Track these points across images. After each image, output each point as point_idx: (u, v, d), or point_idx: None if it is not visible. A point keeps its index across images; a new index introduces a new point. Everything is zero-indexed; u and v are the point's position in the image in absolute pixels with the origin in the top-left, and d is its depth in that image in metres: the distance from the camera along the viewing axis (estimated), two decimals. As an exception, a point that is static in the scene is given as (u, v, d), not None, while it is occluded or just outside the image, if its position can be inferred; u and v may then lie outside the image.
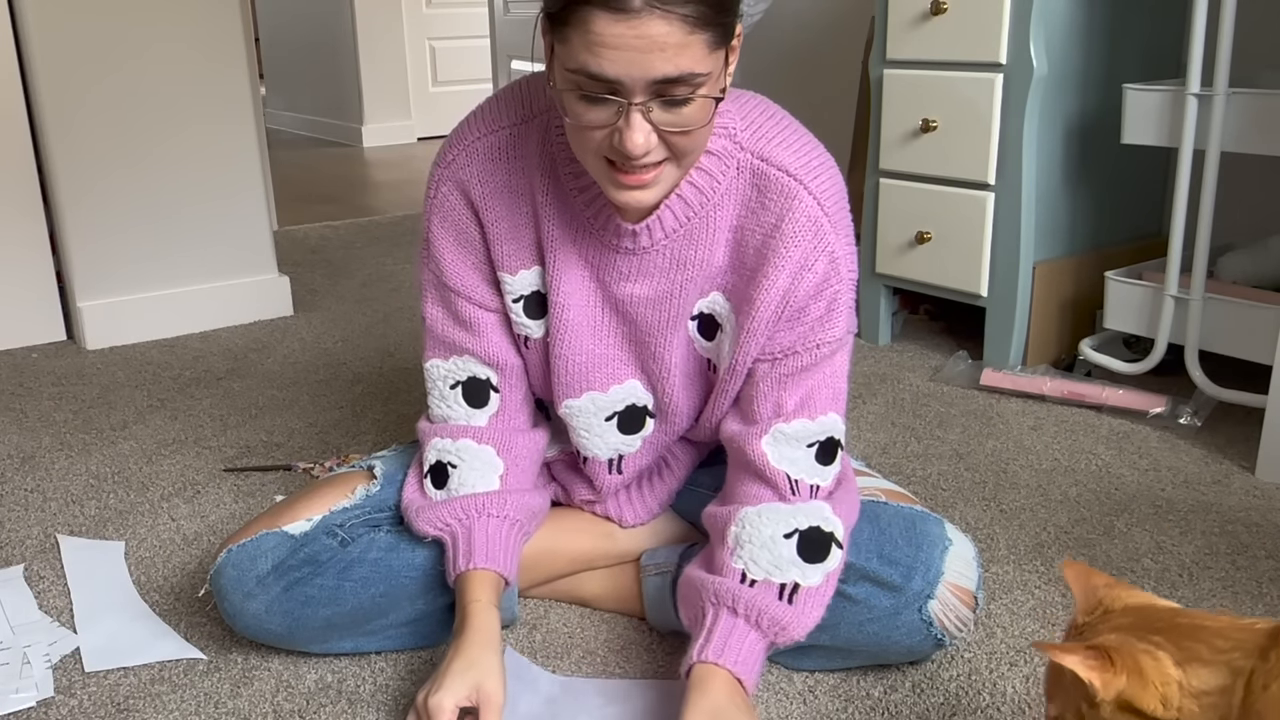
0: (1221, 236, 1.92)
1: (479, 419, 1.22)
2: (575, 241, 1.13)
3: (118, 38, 2.26)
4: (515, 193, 1.14)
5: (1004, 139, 1.97)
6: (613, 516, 1.29)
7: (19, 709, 1.16)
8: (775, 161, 1.08)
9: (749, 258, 1.11)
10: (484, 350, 1.20)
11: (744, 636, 1.06)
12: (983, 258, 2.04)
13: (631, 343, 1.18)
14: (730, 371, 1.14)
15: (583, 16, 0.90)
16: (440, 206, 1.16)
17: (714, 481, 1.29)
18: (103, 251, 2.35)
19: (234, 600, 1.17)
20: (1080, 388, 1.93)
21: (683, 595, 1.14)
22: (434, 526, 1.17)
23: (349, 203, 4.08)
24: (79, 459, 1.79)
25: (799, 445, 1.12)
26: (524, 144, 1.13)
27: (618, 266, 1.13)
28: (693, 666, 1.05)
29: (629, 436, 1.23)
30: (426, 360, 1.23)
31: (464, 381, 1.21)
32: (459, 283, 1.18)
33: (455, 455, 1.21)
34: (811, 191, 1.08)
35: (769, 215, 1.09)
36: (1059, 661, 0.77)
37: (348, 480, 1.27)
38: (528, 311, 1.18)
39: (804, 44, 2.98)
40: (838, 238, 1.09)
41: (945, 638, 1.13)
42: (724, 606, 1.07)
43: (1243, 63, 1.84)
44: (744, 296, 1.11)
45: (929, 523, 1.14)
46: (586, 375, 1.19)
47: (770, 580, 1.07)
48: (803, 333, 1.11)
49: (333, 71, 5.55)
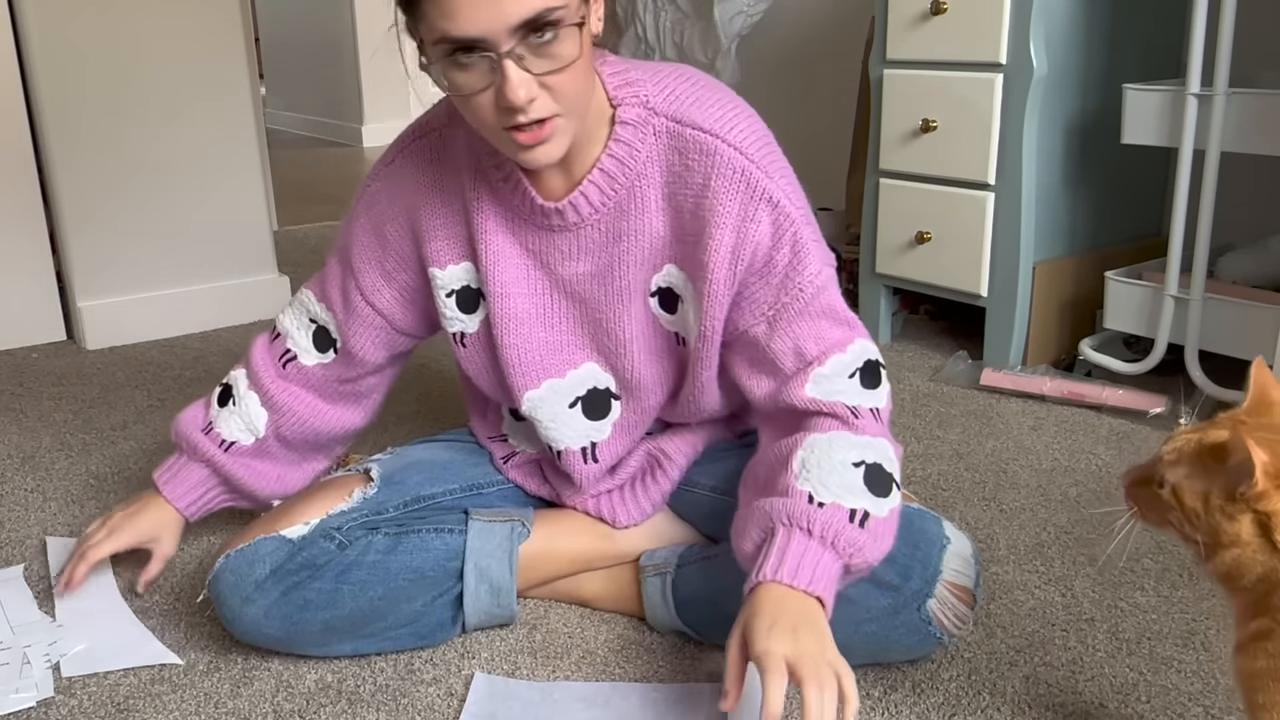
0: (1221, 236, 1.92)
1: (309, 359, 1.31)
2: (510, 230, 1.16)
3: (118, 38, 2.26)
4: (445, 191, 1.19)
5: (1004, 139, 1.97)
6: (605, 517, 1.29)
7: (19, 709, 1.16)
8: (690, 121, 1.10)
9: (688, 223, 1.12)
10: (343, 324, 1.29)
11: (818, 557, 0.99)
12: (983, 258, 2.04)
13: (583, 324, 1.19)
14: (702, 339, 1.14)
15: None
16: (370, 199, 1.25)
17: (712, 481, 1.29)
18: (103, 251, 2.35)
19: (232, 605, 1.17)
20: (1080, 388, 1.93)
21: (743, 526, 1.07)
22: (184, 432, 1.34)
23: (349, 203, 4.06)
24: (79, 459, 1.79)
25: (840, 379, 1.11)
26: (452, 144, 1.18)
27: (557, 246, 1.15)
28: (756, 586, 0.98)
29: (597, 422, 1.23)
30: (307, 286, 1.33)
31: (319, 325, 1.31)
32: (356, 264, 1.26)
33: (242, 399, 1.33)
34: (731, 143, 1.09)
35: (695, 176, 1.10)
36: (1250, 450, 0.75)
37: (345, 483, 1.27)
38: (461, 306, 1.22)
39: (804, 44, 2.98)
40: (771, 180, 1.09)
41: (944, 637, 1.12)
42: (796, 527, 1.01)
43: (1243, 63, 1.83)
44: (695, 262, 1.12)
45: (926, 521, 1.14)
46: (541, 363, 1.20)
47: (840, 504, 1.02)
48: (779, 283, 1.11)
49: (333, 71, 5.55)
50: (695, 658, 1.22)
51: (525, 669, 1.21)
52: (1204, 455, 0.81)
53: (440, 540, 1.22)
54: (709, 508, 1.28)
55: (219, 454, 1.32)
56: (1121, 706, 1.13)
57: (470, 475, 1.33)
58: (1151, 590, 1.34)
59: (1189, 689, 1.15)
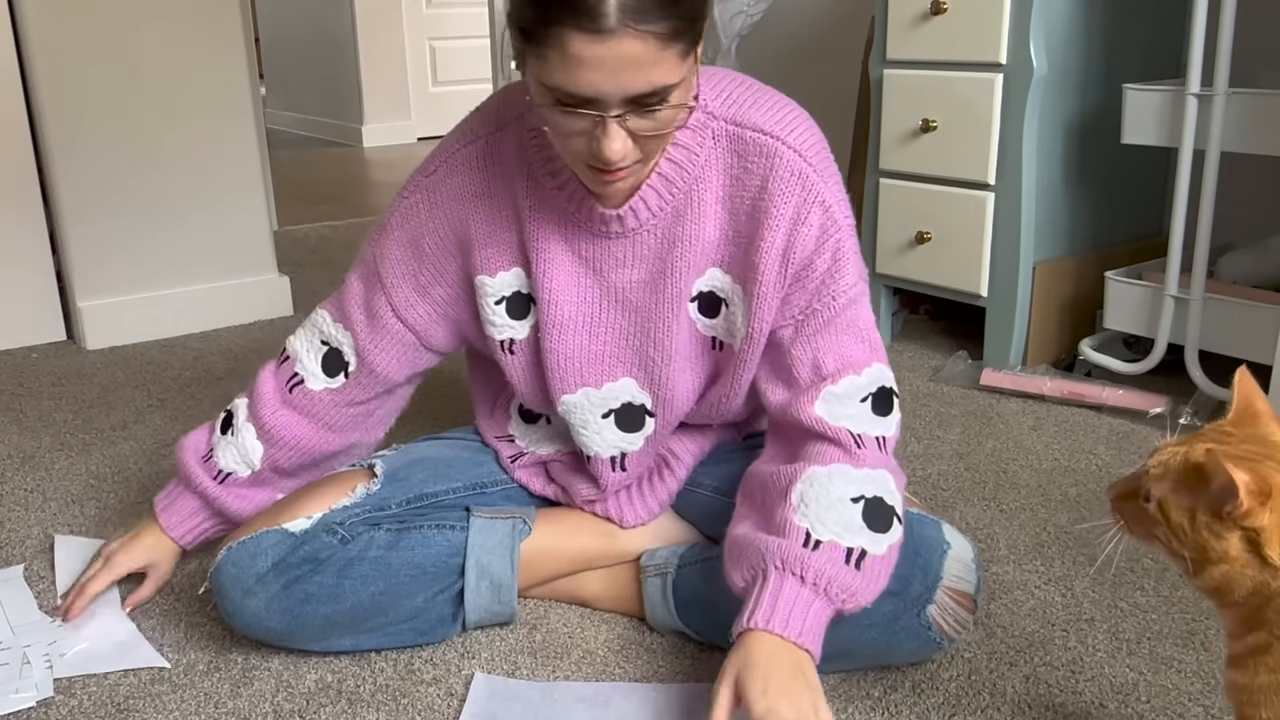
0: (1221, 236, 1.92)
1: (316, 383, 1.27)
2: (563, 237, 1.15)
3: (118, 37, 2.25)
4: (495, 197, 1.17)
5: (1004, 139, 1.97)
6: (613, 517, 1.29)
7: (19, 709, 1.16)
8: (750, 123, 1.10)
9: (742, 224, 1.12)
10: (365, 341, 1.25)
11: (809, 605, 1.01)
12: (983, 258, 2.04)
13: (629, 335, 1.18)
14: (749, 341, 1.14)
15: (558, 35, 0.91)
16: (407, 210, 1.21)
17: (714, 482, 1.29)
18: (103, 251, 2.35)
19: (233, 598, 1.17)
20: (1080, 388, 1.93)
21: (736, 555, 1.08)
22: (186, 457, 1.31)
23: (349, 203, 4.08)
24: (79, 459, 1.79)
25: (851, 402, 1.11)
26: (501, 151, 1.16)
27: (611, 253, 1.15)
28: (746, 632, 1.00)
29: (630, 435, 1.23)
30: (322, 306, 1.30)
31: (331, 348, 1.27)
32: (389, 279, 1.23)
33: (241, 429, 1.29)
34: (791, 145, 1.09)
35: (753, 178, 1.10)
36: (1230, 473, 0.74)
37: (348, 478, 1.27)
38: (510, 312, 1.20)
39: (804, 44, 2.98)
40: (826, 186, 1.10)
41: (944, 641, 1.12)
42: (789, 572, 1.02)
43: (1243, 63, 1.84)
44: (746, 264, 1.12)
45: (926, 526, 1.14)
46: (580, 370, 1.19)
47: (838, 542, 1.03)
48: (815, 288, 1.11)
49: (333, 71, 5.55)
50: (695, 658, 1.22)
51: (525, 669, 1.21)
52: (1188, 473, 0.80)
53: (442, 536, 1.22)
54: (711, 508, 1.28)
55: (212, 486, 1.30)
56: (1121, 706, 1.13)
57: (474, 474, 1.33)
58: (1151, 590, 1.34)
59: (1189, 689, 1.15)
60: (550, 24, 0.91)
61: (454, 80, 5.65)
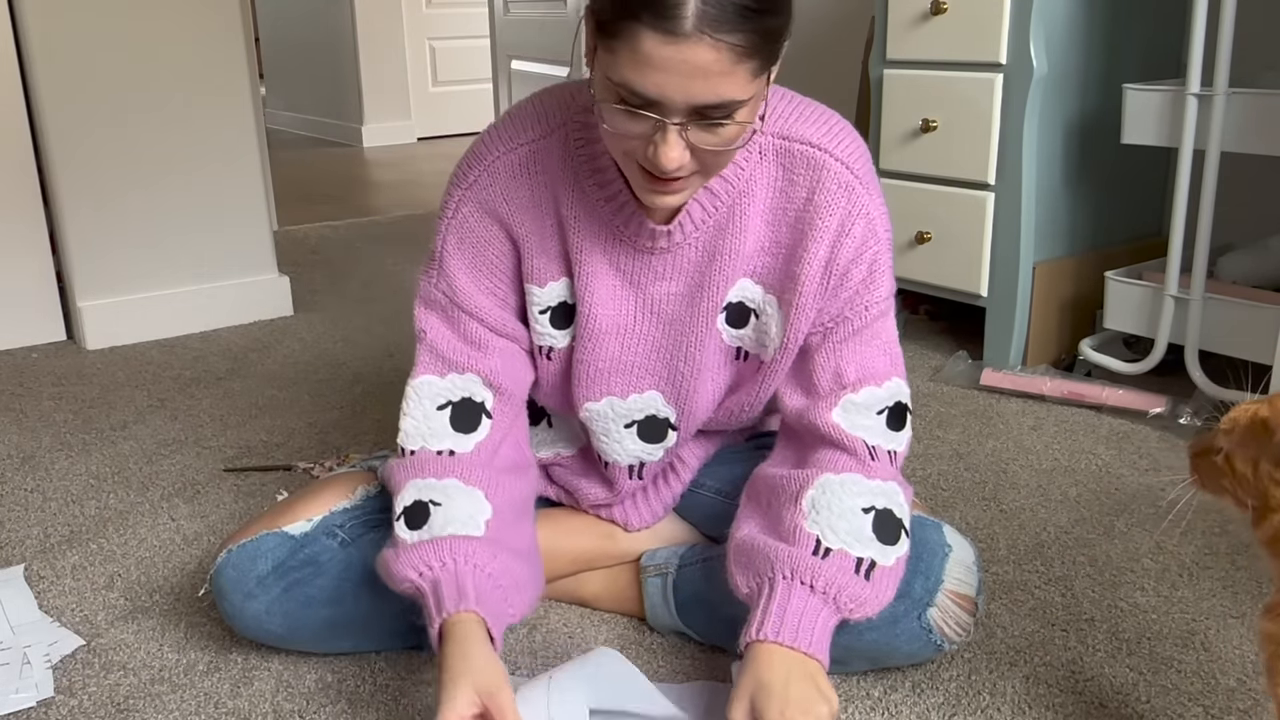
0: (1221, 236, 1.91)
1: (464, 444, 1.13)
2: (604, 249, 1.12)
3: (118, 38, 2.26)
4: (540, 206, 1.12)
5: (1004, 139, 1.97)
6: (619, 521, 1.29)
7: (19, 709, 1.16)
8: (797, 136, 1.09)
9: (783, 236, 1.11)
10: (490, 370, 1.15)
11: (817, 614, 1.01)
12: (983, 258, 2.04)
13: (660, 349, 1.16)
14: (782, 351, 1.13)
15: (633, 32, 0.89)
16: (459, 227, 1.14)
17: (716, 483, 1.29)
18: (103, 251, 2.35)
19: (234, 601, 1.17)
20: (1080, 388, 1.93)
21: (741, 560, 1.07)
22: (413, 569, 1.05)
23: (349, 203, 4.08)
24: (79, 459, 1.79)
25: (869, 413, 1.11)
26: (546, 158, 1.11)
27: (652, 267, 1.13)
28: (755, 644, 1.00)
29: (651, 445, 1.22)
30: (416, 377, 1.15)
31: (455, 403, 1.14)
32: (472, 304, 1.14)
33: (440, 493, 1.10)
34: (838, 157, 1.09)
35: (799, 190, 1.09)
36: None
37: (348, 480, 1.27)
38: (554, 322, 1.17)
39: (804, 44, 2.98)
40: (870, 199, 1.10)
41: (945, 644, 1.12)
42: (798, 581, 1.01)
43: (1243, 63, 1.83)
44: (785, 275, 1.11)
45: (927, 529, 1.13)
46: (607, 379, 1.17)
47: (847, 551, 1.03)
48: (848, 298, 1.11)
49: (333, 71, 5.55)
50: (695, 658, 1.22)
51: (525, 669, 1.21)
52: (1255, 427, 0.86)
53: (442, 539, 1.20)
54: (712, 509, 1.28)
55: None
56: (1121, 706, 1.13)
57: None
58: (1151, 590, 1.34)
59: (1189, 689, 1.15)
60: (626, 18, 0.89)
61: (454, 80, 5.65)
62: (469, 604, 1.01)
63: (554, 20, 3.49)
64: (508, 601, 1.06)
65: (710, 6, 0.87)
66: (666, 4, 0.87)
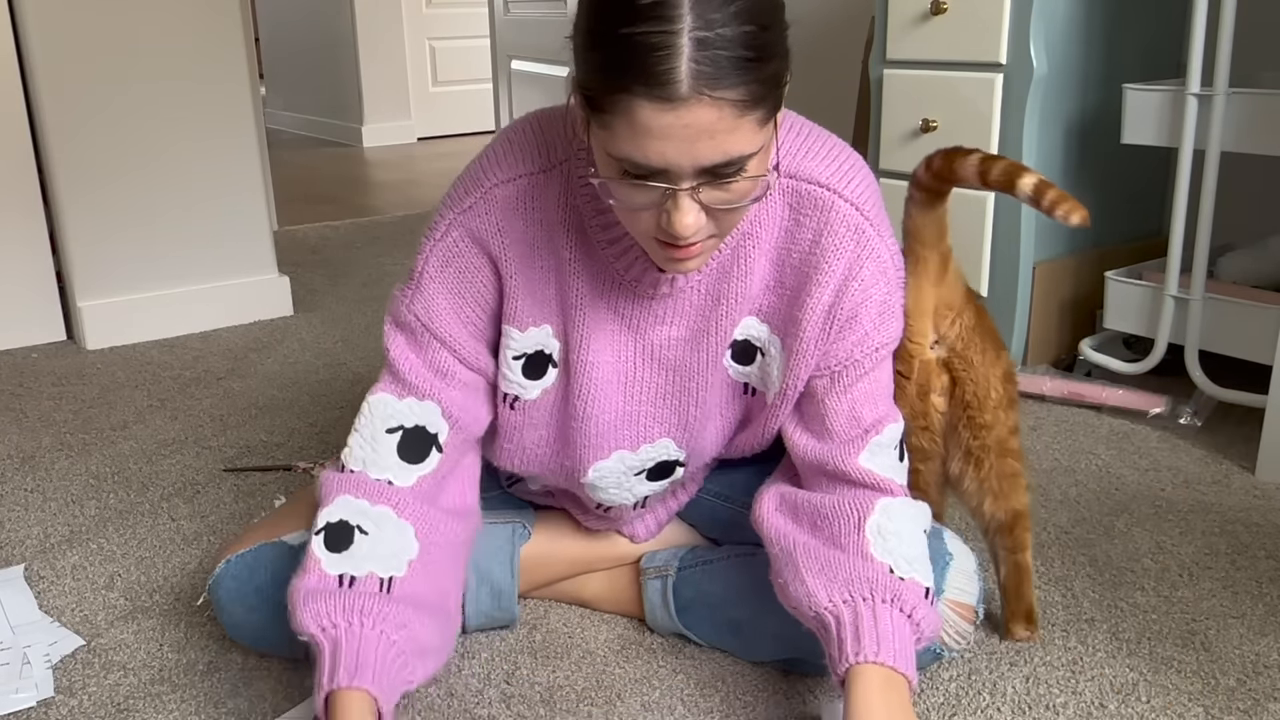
0: (1221, 236, 1.91)
1: (405, 477, 1.08)
2: (604, 296, 1.07)
3: (118, 38, 2.26)
4: (532, 246, 1.06)
5: (1004, 139, 1.97)
6: (624, 533, 1.29)
7: (19, 709, 1.16)
8: (805, 175, 1.04)
9: (788, 277, 1.06)
10: (451, 402, 1.10)
11: (905, 633, 0.99)
12: (983, 258, 2.04)
13: (666, 395, 1.12)
14: (782, 396, 1.10)
15: (627, 104, 0.84)
16: (446, 250, 1.08)
17: (718, 487, 1.28)
18: (103, 251, 2.35)
19: (234, 612, 1.17)
20: (1080, 388, 1.93)
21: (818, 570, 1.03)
22: (316, 622, 1.01)
23: (349, 203, 4.08)
24: (79, 459, 1.79)
25: (889, 451, 1.09)
26: (543, 195, 1.05)
27: (652, 311, 1.08)
28: (856, 669, 0.97)
29: (657, 483, 1.20)
30: (375, 394, 1.10)
31: (408, 429, 1.09)
32: (445, 331, 1.09)
33: (370, 520, 1.06)
34: (848, 198, 1.04)
35: (806, 231, 1.05)
36: None
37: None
38: (526, 371, 1.11)
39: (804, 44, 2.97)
40: (881, 240, 1.06)
41: (944, 651, 1.13)
42: (885, 602, 1.00)
43: (1243, 63, 1.83)
44: (787, 317, 1.07)
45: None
46: (615, 434, 1.13)
47: (917, 580, 1.02)
48: (857, 340, 1.07)
49: (333, 71, 5.55)
50: (695, 659, 1.22)
51: (525, 669, 1.21)
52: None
53: (441, 542, 1.20)
54: (713, 512, 1.28)
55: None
56: (1121, 706, 1.13)
57: None
58: (1151, 590, 1.34)
59: (1189, 689, 1.15)
60: (617, 91, 0.83)
61: (454, 80, 5.65)
62: (364, 680, 0.97)
63: (554, 20, 3.49)
64: (408, 669, 1.02)
65: (704, 65, 0.82)
66: (657, 69, 0.82)
